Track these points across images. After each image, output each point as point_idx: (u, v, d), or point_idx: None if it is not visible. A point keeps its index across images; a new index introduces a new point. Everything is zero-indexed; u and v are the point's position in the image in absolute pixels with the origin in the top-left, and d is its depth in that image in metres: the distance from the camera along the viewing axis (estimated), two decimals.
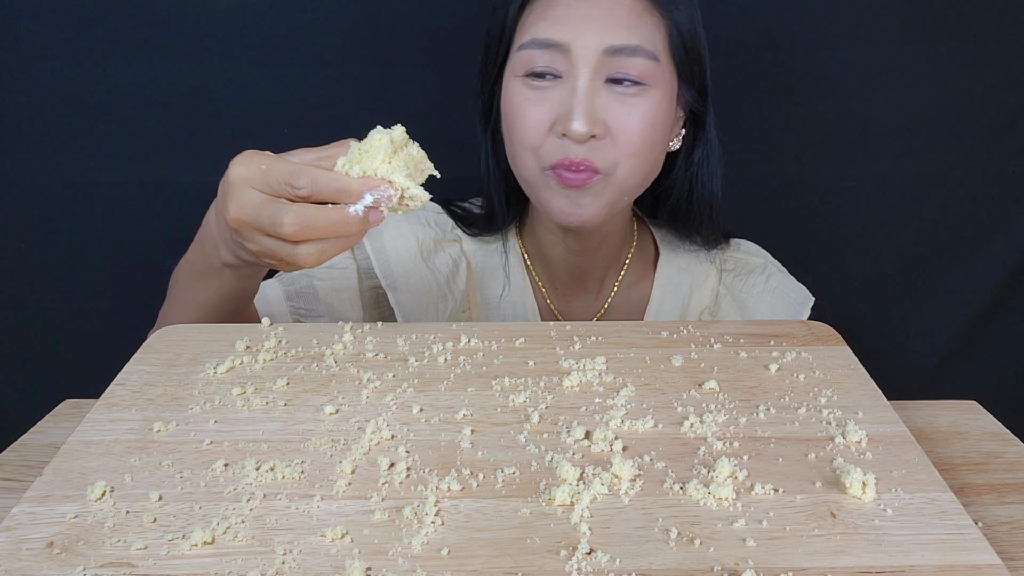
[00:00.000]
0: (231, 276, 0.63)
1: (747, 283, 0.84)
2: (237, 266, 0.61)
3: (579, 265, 0.82)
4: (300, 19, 0.99)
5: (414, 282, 0.80)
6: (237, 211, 0.54)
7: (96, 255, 1.06)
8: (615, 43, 0.68)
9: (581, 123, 0.67)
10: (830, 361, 0.57)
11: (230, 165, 0.54)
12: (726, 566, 0.39)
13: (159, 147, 1.02)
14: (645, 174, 0.74)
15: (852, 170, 1.07)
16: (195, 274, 0.66)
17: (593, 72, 0.69)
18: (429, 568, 0.39)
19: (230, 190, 0.54)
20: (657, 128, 0.71)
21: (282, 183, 0.52)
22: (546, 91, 0.71)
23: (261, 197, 0.53)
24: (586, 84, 0.68)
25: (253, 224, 0.53)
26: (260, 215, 0.52)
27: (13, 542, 0.41)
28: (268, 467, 0.46)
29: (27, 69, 0.97)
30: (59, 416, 0.60)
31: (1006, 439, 0.57)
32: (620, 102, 0.69)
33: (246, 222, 0.54)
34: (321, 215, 0.52)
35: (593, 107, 0.68)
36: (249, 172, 0.53)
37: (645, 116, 0.70)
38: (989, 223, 1.09)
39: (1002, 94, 1.04)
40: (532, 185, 0.74)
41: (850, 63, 1.03)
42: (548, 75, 0.70)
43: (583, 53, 0.68)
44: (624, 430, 0.49)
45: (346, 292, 0.80)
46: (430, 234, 0.82)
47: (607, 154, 0.70)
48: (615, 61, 0.69)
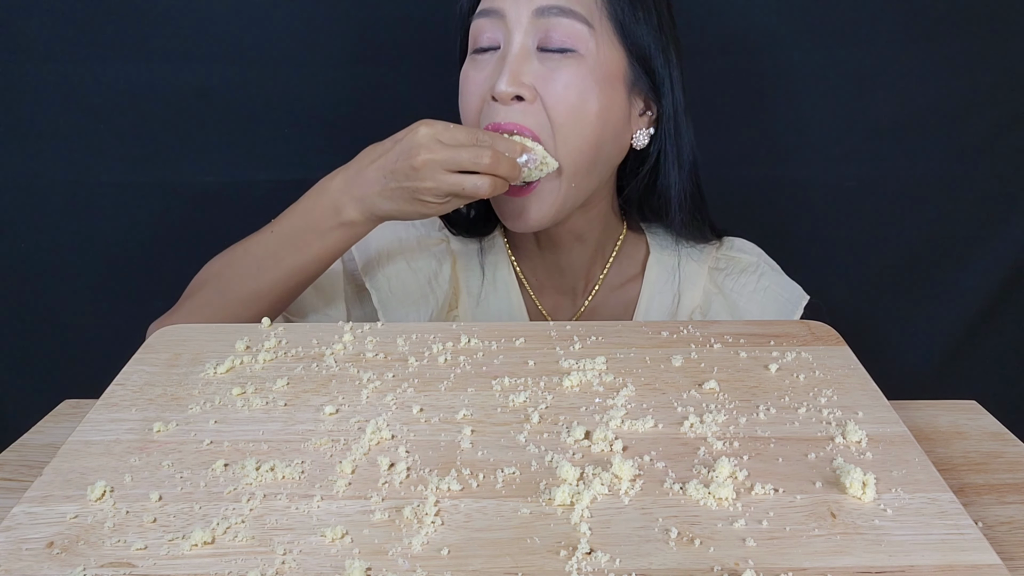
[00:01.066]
0: (338, 237, 0.71)
1: (738, 282, 0.83)
2: (355, 224, 0.70)
3: (556, 263, 0.82)
4: (300, 19, 0.99)
5: (395, 281, 0.80)
6: (429, 155, 0.65)
7: (96, 255, 1.06)
8: (543, 4, 0.70)
9: (504, 82, 0.69)
10: (830, 361, 0.57)
11: (416, 126, 0.66)
12: (726, 566, 0.39)
13: (159, 147, 1.02)
14: (590, 159, 0.72)
15: (852, 170, 1.07)
16: (286, 240, 0.71)
17: (524, 35, 0.71)
18: (429, 568, 0.39)
19: (420, 140, 0.65)
20: (586, 98, 0.71)
21: (471, 137, 0.66)
22: (486, 61, 0.73)
23: (451, 147, 0.65)
24: (516, 49, 0.70)
25: (446, 164, 0.65)
26: (460, 156, 0.65)
27: (13, 542, 0.41)
28: (268, 467, 0.46)
29: (27, 69, 0.97)
30: (59, 416, 0.60)
31: (1006, 439, 0.57)
32: (547, 68, 0.70)
33: (438, 161, 0.64)
34: (503, 158, 0.66)
35: (519, 70, 0.70)
36: (435, 129, 0.65)
37: (571, 80, 0.70)
38: (989, 223, 1.09)
39: (1002, 94, 1.04)
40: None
41: (850, 63, 1.03)
42: (490, 49, 0.73)
43: (515, 17, 0.71)
44: (624, 430, 0.49)
45: (329, 289, 0.81)
46: (414, 234, 0.83)
47: (538, 119, 0.70)
48: (544, 23, 0.70)
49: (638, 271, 0.86)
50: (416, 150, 0.65)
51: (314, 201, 0.71)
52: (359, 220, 0.70)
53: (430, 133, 0.66)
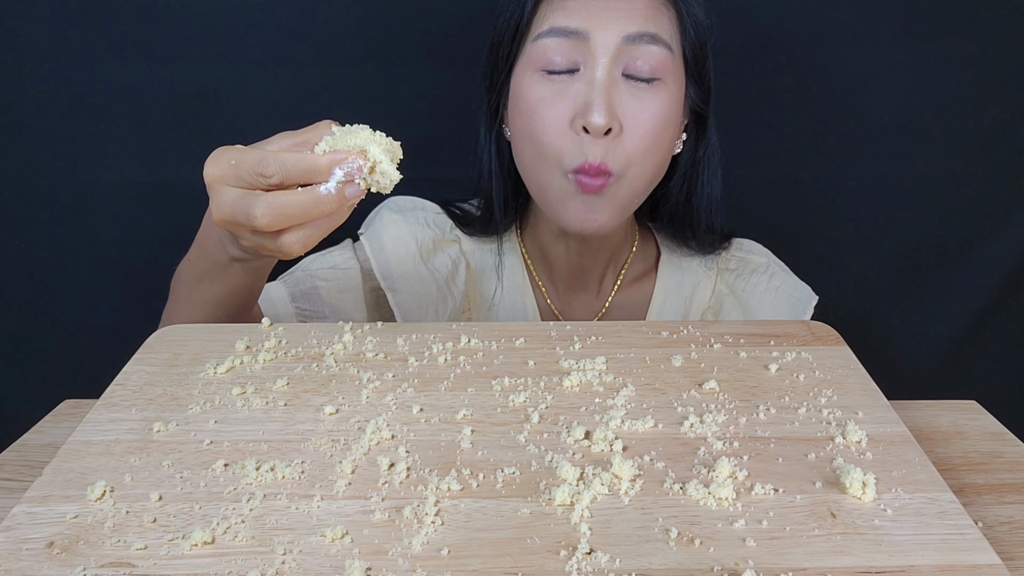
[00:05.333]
0: (239, 271, 0.63)
1: (749, 282, 0.84)
2: (245, 260, 0.61)
3: (580, 265, 0.82)
4: (300, 19, 0.98)
5: (414, 283, 0.80)
6: (217, 212, 0.53)
7: (96, 255, 1.06)
8: (634, 31, 0.68)
9: (600, 115, 0.67)
10: (830, 361, 0.57)
11: (204, 165, 0.53)
12: (726, 566, 0.39)
13: (159, 147, 1.02)
14: (652, 175, 0.73)
15: (852, 170, 1.07)
16: (200, 273, 0.65)
17: (611, 62, 0.68)
18: (429, 568, 0.39)
19: (209, 191, 0.53)
20: (668, 126, 0.71)
21: (252, 174, 0.51)
22: (563, 85, 0.69)
23: (236, 193, 0.52)
24: (604, 75, 0.68)
25: (232, 222, 0.52)
26: (235, 211, 0.51)
27: (13, 542, 0.41)
28: (268, 467, 0.46)
29: (27, 69, 0.97)
30: (59, 416, 0.60)
31: (1006, 439, 0.57)
32: (635, 97, 0.69)
33: (227, 221, 0.53)
34: (292, 200, 0.50)
35: (611, 100, 0.68)
36: (220, 170, 0.52)
37: (658, 112, 0.69)
38: (989, 223, 1.09)
39: (1002, 94, 1.04)
40: (548, 189, 0.72)
41: (850, 63, 1.03)
42: (565, 70, 0.69)
43: (602, 41, 0.68)
44: (624, 430, 0.49)
45: (350, 293, 0.80)
46: (429, 234, 0.82)
47: (620, 155, 0.69)
48: (633, 50, 0.68)
49: (650, 271, 0.86)
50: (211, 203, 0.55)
51: (205, 231, 0.64)
52: (246, 257, 0.61)
53: (216, 175, 0.53)
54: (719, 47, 0.77)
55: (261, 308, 0.77)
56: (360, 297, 0.81)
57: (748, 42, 1.01)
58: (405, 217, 0.82)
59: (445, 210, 0.85)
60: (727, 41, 0.85)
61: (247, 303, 0.68)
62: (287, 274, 0.81)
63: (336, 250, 0.83)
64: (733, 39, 0.99)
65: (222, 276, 0.64)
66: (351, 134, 0.52)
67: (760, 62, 1.02)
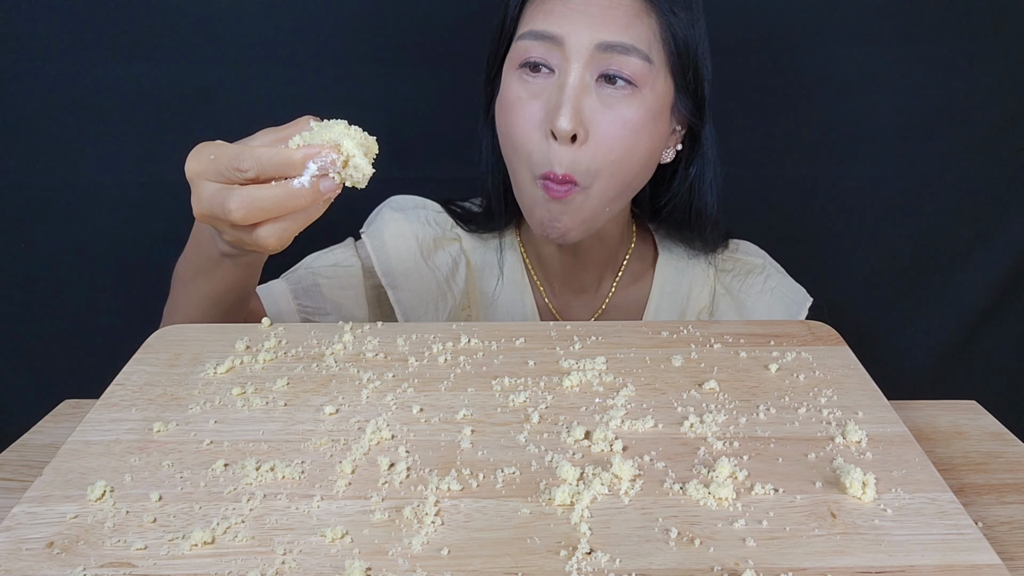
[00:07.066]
0: (231, 266, 0.63)
1: (746, 283, 0.84)
2: (234, 255, 0.61)
3: (573, 266, 0.82)
4: (300, 19, 0.98)
5: (414, 280, 0.80)
6: (197, 206, 0.53)
7: (96, 255, 1.06)
8: (609, 39, 0.68)
9: (567, 120, 0.67)
10: (830, 361, 0.57)
11: (186, 160, 0.54)
12: (726, 566, 0.39)
13: (159, 147, 1.02)
14: (623, 185, 0.72)
15: (852, 170, 1.07)
16: (195, 269, 0.66)
17: (584, 68, 0.68)
18: (429, 568, 0.39)
19: (191, 187, 0.54)
20: (640, 136, 0.70)
21: (230, 168, 0.51)
22: (539, 85, 0.70)
23: (214, 187, 0.52)
24: (576, 80, 0.68)
25: (211, 216, 0.53)
26: (212, 205, 0.52)
27: (13, 542, 0.41)
28: (268, 467, 0.46)
29: (27, 69, 0.97)
30: (59, 416, 0.60)
31: (1006, 439, 0.57)
32: (606, 105, 0.68)
33: (206, 215, 0.53)
34: (265, 193, 0.51)
35: (580, 105, 0.68)
36: (200, 165, 0.53)
37: (629, 121, 0.69)
38: (989, 223, 1.09)
39: (1002, 94, 1.04)
40: (522, 191, 0.73)
41: (850, 63, 1.03)
42: (543, 67, 0.70)
43: (576, 47, 0.68)
44: (624, 430, 0.49)
45: (351, 290, 0.81)
46: (430, 232, 0.82)
47: (586, 164, 0.69)
48: (607, 58, 0.68)
49: (647, 271, 0.86)
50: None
51: (198, 228, 0.65)
52: (236, 253, 0.61)
53: (196, 171, 0.54)
54: (719, 47, 0.77)
55: (263, 304, 0.78)
56: (361, 294, 0.81)
57: (748, 42, 1.01)
58: (406, 215, 0.82)
59: (446, 209, 0.85)
60: (727, 41, 0.85)
61: (243, 299, 0.69)
62: (290, 271, 0.82)
63: (338, 248, 0.84)
64: (732, 39, 0.99)
65: (215, 272, 0.64)
66: (327, 128, 0.53)
67: (760, 62, 1.02)
